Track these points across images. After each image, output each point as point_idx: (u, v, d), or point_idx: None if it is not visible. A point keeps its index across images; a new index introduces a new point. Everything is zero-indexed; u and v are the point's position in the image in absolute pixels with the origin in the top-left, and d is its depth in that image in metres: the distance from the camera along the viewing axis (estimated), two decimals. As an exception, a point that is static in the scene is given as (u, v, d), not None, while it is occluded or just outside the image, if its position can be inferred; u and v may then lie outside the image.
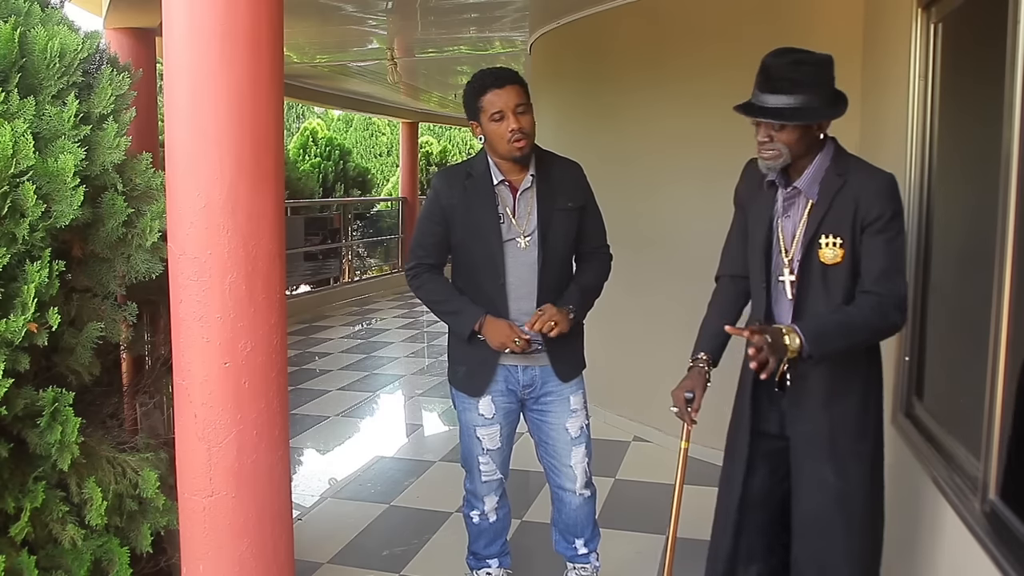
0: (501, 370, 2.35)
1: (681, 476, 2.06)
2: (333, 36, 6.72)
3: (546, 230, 2.28)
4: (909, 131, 2.34)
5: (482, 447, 2.41)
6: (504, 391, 2.36)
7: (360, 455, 4.29)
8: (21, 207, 1.85)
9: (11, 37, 1.96)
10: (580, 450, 2.40)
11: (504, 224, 2.27)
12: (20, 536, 1.90)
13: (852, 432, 1.92)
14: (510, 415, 2.41)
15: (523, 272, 2.28)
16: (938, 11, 2.20)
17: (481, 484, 2.46)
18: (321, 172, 12.08)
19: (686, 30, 3.98)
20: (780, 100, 1.79)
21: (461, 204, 2.30)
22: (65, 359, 2.06)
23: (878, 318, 1.81)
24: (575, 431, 2.39)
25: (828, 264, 1.85)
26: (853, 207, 1.81)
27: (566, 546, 2.54)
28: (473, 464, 2.45)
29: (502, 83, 2.20)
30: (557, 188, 2.31)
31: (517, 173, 2.30)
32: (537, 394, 2.38)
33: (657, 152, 4.20)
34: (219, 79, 1.71)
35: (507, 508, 2.58)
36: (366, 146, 20.12)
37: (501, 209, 2.28)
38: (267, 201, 1.79)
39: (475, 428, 2.40)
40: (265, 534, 1.89)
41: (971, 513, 1.69)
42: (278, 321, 1.86)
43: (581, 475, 2.42)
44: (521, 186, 2.29)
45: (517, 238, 2.28)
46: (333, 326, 7.95)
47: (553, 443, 2.42)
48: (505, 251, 2.27)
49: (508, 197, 2.29)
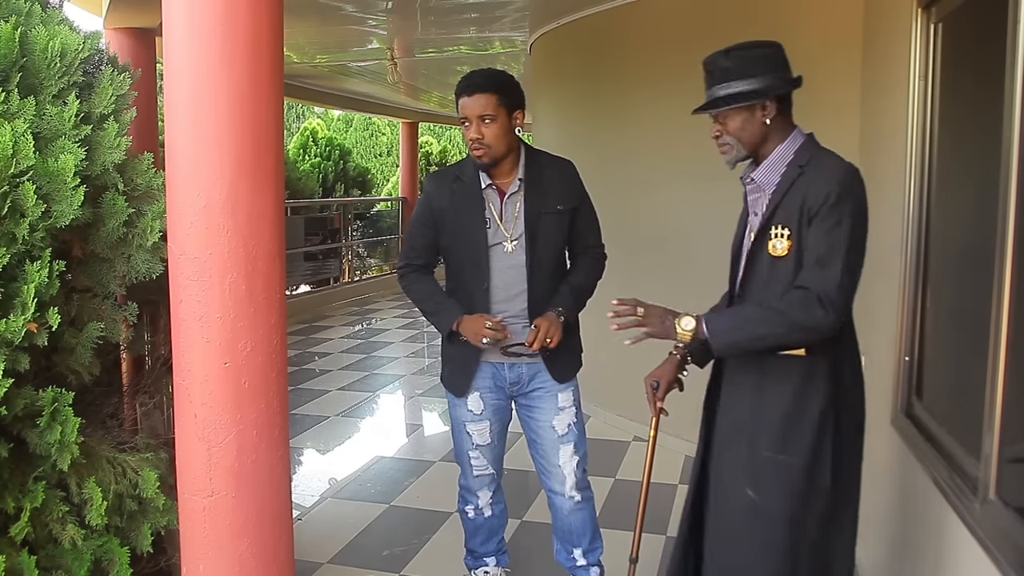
0: (488, 367, 2.35)
1: (648, 464, 2.11)
2: (333, 36, 6.72)
3: (534, 234, 2.27)
4: (909, 131, 2.34)
5: (472, 442, 2.41)
6: (492, 387, 2.37)
7: (360, 455, 4.29)
8: (21, 207, 1.85)
9: (12, 37, 1.96)
10: (568, 448, 2.37)
11: (490, 229, 2.27)
12: (20, 536, 1.90)
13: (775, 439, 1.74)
14: (499, 411, 2.41)
15: (510, 276, 2.28)
16: (938, 11, 2.20)
17: (473, 479, 2.47)
18: (321, 172, 12.09)
19: (686, 30, 3.98)
20: (713, 92, 1.78)
21: (450, 207, 2.31)
22: (65, 359, 2.06)
23: (800, 313, 1.64)
24: (562, 428, 2.37)
25: (776, 257, 1.74)
26: (802, 197, 1.70)
27: (566, 556, 2.51)
28: (464, 459, 2.46)
29: (472, 90, 2.20)
30: (547, 190, 2.29)
31: (504, 177, 2.29)
32: (525, 390, 2.37)
33: (657, 152, 4.20)
34: (219, 79, 1.71)
35: (502, 505, 2.57)
36: (366, 146, 20.13)
37: (488, 214, 2.27)
38: (267, 201, 1.80)
39: (464, 424, 2.41)
40: (265, 534, 1.89)
41: (971, 513, 1.69)
42: (278, 321, 1.86)
43: (570, 476, 2.38)
44: (508, 190, 2.28)
45: (504, 242, 2.28)
46: (333, 326, 7.95)
47: (541, 441, 2.41)
48: (491, 255, 2.27)
49: (496, 201, 2.29)
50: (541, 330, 2.21)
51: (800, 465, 1.72)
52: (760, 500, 1.76)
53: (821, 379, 1.73)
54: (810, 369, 1.73)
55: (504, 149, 2.24)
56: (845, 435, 1.76)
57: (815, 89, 3.47)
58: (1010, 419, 1.56)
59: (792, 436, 1.73)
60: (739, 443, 1.81)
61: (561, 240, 2.34)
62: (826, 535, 1.76)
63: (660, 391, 2.03)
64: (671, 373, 2.04)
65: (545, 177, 2.31)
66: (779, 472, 1.74)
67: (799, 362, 1.73)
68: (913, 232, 2.30)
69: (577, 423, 2.40)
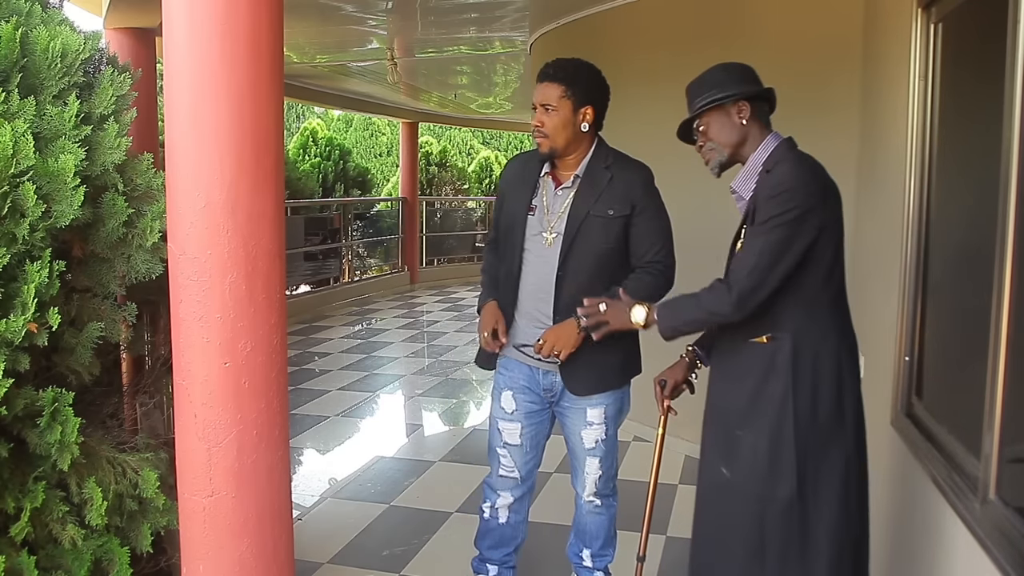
0: (524, 369, 2.33)
1: (656, 463, 2.15)
2: (333, 36, 6.72)
3: (574, 233, 2.19)
4: (909, 131, 2.34)
5: (501, 440, 2.39)
6: (525, 389, 2.33)
7: (360, 455, 4.29)
8: (21, 207, 1.85)
9: (12, 37, 1.96)
10: (594, 462, 2.36)
11: (534, 216, 2.25)
12: (20, 536, 1.90)
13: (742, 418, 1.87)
14: (532, 416, 2.36)
15: (543, 270, 2.23)
16: (938, 11, 2.20)
17: (498, 478, 2.43)
18: (321, 172, 12.08)
19: (685, 30, 3.98)
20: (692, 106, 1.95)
21: (510, 186, 2.34)
22: (65, 359, 2.06)
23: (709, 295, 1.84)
24: (589, 443, 2.34)
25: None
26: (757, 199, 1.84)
27: (575, 553, 2.51)
28: (494, 455, 2.43)
29: (541, 78, 2.21)
30: (604, 193, 2.21)
31: (567, 169, 2.26)
32: (558, 399, 2.35)
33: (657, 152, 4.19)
34: (219, 79, 1.71)
35: (521, 516, 2.48)
36: (366, 146, 20.14)
37: (536, 200, 2.26)
38: (267, 201, 1.79)
39: (497, 420, 2.40)
40: (265, 534, 1.89)
41: (971, 513, 1.69)
42: (278, 321, 1.86)
43: (591, 485, 2.39)
44: (564, 183, 2.25)
45: (544, 232, 2.24)
46: (333, 326, 7.95)
47: (572, 447, 2.40)
48: (527, 244, 2.25)
49: (550, 190, 2.26)
50: (548, 342, 2.16)
51: (764, 446, 1.83)
52: (731, 476, 1.88)
53: (782, 366, 1.83)
54: (772, 355, 1.84)
55: (564, 141, 2.20)
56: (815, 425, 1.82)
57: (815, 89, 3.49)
58: (1010, 419, 1.56)
59: (756, 416, 1.85)
60: (715, 423, 1.95)
61: (606, 248, 2.21)
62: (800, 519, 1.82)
63: (667, 390, 2.12)
64: (679, 374, 2.13)
65: (606, 178, 2.22)
66: (745, 450, 1.86)
67: (762, 348, 1.85)
68: (913, 232, 2.30)
69: (606, 440, 2.34)
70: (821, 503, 1.82)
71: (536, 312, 2.26)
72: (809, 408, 1.81)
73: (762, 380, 1.84)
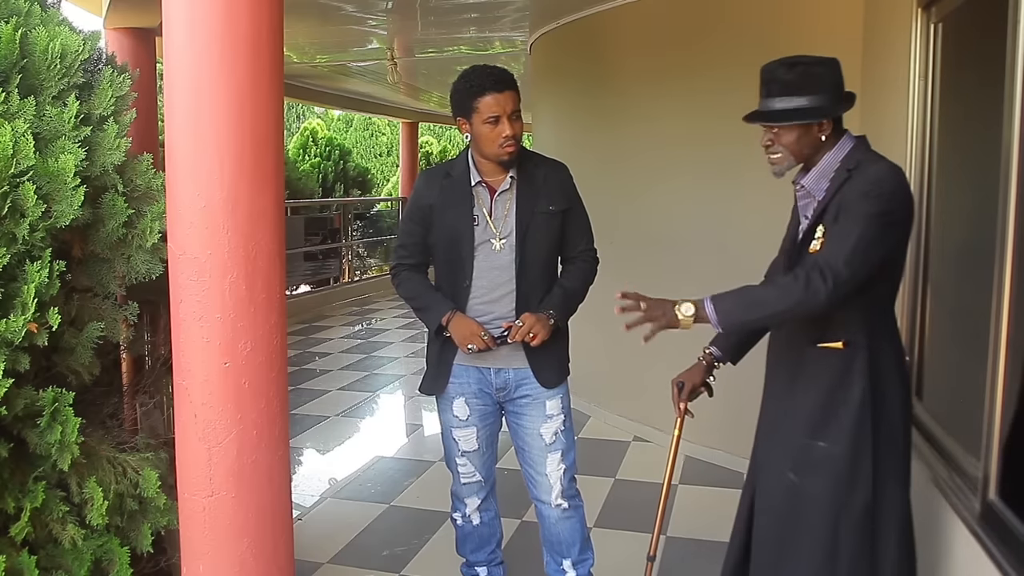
0: (474, 372, 2.32)
1: (671, 463, 2.13)
2: (333, 36, 6.72)
3: (525, 233, 2.24)
4: (909, 131, 2.34)
5: (458, 448, 2.38)
6: (478, 393, 2.33)
7: (360, 455, 4.29)
8: (21, 207, 1.85)
9: (12, 38, 1.96)
10: (555, 457, 2.32)
11: (479, 226, 2.25)
12: (20, 536, 1.90)
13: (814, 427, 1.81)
14: (486, 417, 2.37)
15: (495, 275, 2.25)
16: (938, 11, 2.20)
17: (461, 486, 2.43)
18: (321, 172, 12.09)
19: (686, 30, 3.98)
20: (772, 103, 1.80)
21: (438, 204, 2.29)
22: (65, 359, 2.06)
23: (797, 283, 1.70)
24: (549, 437, 2.32)
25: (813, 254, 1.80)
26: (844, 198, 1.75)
27: (555, 568, 2.44)
28: (453, 465, 2.43)
29: (502, 87, 2.17)
30: (540, 191, 2.27)
31: (497, 174, 2.27)
32: (512, 396, 2.33)
33: (657, 151, 4.20)
34: (219, 79, 1.71)
35: (492, 513, 2.50)
36: (366, 146, 20.12)
37: (477, 210, 2.25)
38: (267, 201, 1.80)
39: (451, 429, 2.38)
40: (265, 534, 1.89)
41: (971, 513, 1.69)
42: (278, 321, 1.86)
43: (556, 484, 2.33)
44: (499, 188, 2.26)
45: (491, 240, 2.25)
46: (333, 326, 7.95)
47: (528, 449, 2.36)
48: (476, 253, 2.25)
49: (486, 198, 2.27)
50: (525, 325, 2.18)
51: (840, 453, 1.77)
52: (801, 483, 1.82)
53: (859, 372, 1.77)
54: (849, 361, 1.77)
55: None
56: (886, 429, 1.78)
57: (815, 89, 3.47)
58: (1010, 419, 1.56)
59: (832, 424, 1.78)
60: (778, 430, 1.89)
61: (551, 242, 2.30)
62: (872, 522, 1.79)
63: (684, 392, 2.08)
64: (697, 376, 2.10)
65: (538, 177, 2.29)
66: (819, 459, 1.79)
67: (836, 354, 1.78)
68: (913, 232, 2.30)
69: (565, 431, 2.35)
70: (891, 508, 1.80)
71: (489, 316, 2.26)
72: (885, 413, 1.78)
73: (837, 386, 1.79)
